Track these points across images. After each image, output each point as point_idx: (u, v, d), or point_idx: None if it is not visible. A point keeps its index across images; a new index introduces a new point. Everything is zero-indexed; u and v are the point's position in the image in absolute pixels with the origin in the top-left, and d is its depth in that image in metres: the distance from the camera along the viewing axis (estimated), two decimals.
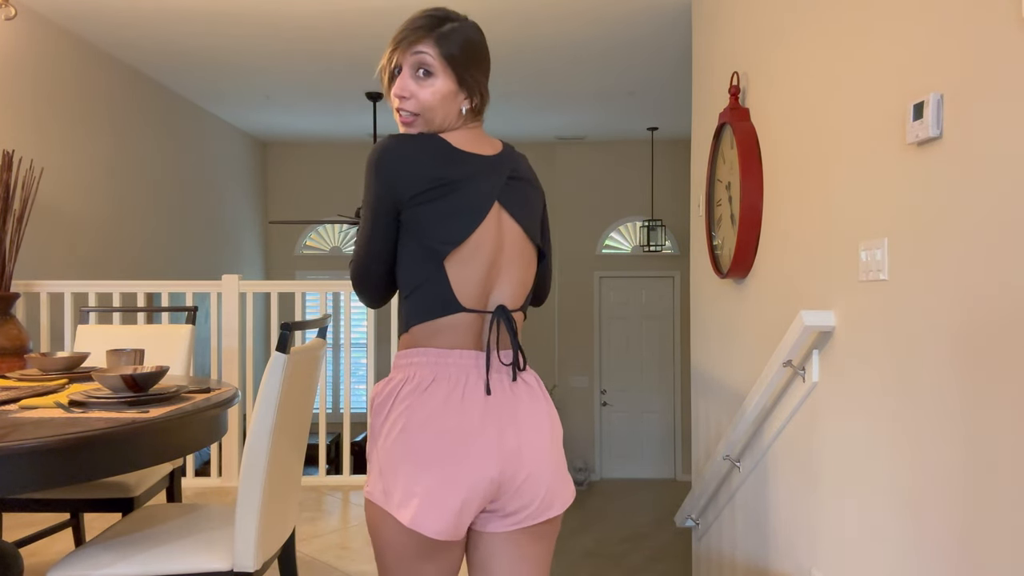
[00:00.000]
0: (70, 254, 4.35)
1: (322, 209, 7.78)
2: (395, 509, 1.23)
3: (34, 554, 2.79)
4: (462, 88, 1.32)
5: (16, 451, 1.39)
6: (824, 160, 2.21)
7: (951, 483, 1.59)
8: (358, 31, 4.41)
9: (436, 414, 1.23)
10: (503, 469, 1.24)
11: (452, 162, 1.28)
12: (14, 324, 3.00)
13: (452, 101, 1.31)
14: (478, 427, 1.23)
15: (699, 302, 3.65)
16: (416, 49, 1.30)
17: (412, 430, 1.23)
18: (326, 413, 6.25)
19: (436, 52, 1.30)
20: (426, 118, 1.32)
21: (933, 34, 1.66)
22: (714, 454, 2.99)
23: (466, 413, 1.24)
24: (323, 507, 3.51)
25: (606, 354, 8.14)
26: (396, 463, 1.24)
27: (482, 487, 1.24)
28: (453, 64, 1.30)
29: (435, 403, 1.24)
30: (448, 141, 1.31)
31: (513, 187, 1.35)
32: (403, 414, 1.24)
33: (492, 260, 1.30)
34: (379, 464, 1.27)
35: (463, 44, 1.31)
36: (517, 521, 1.29)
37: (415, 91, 1.30)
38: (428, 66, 1.30)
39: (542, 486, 1.28)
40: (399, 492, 1.23)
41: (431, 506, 1.21)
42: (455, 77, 1.31)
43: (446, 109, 1.31)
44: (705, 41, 3.59)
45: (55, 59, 4.21)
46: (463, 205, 1.26)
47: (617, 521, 7.04)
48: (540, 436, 1.29)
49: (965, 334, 1.54)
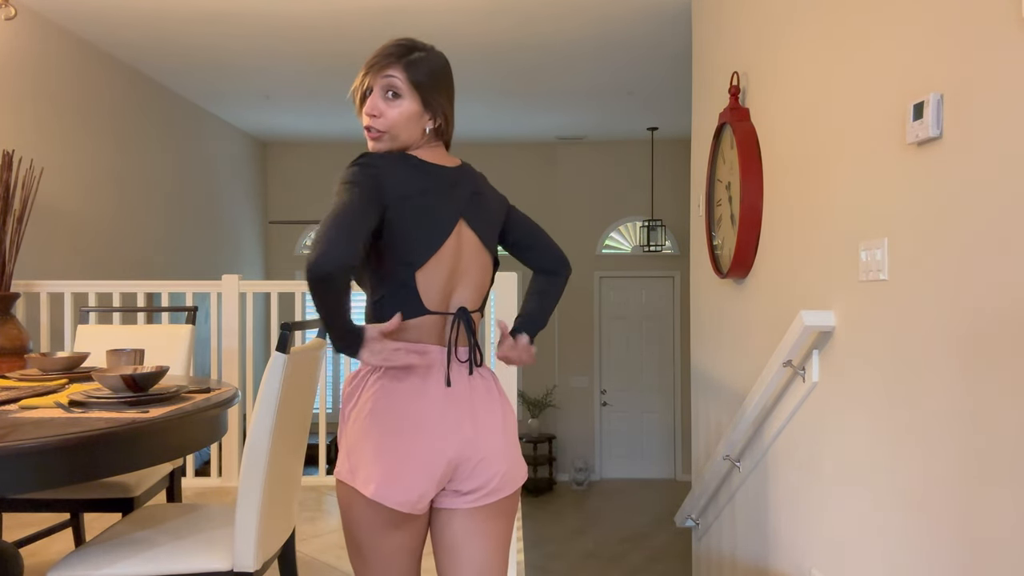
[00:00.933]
0: (70, 254, 4.35)
1: (322, 209, 7.78)
2: (361, 484, 1.36)
3: (34, 554, 2.79)
4: (427, 110, 1.46)
5: (16, 451, 1.39)
6: (824, 160, 2.21)
7: (951, 483, 1.59)
8: (358, 31, 4.41)
9: (401, 400, 1.38)
10: (459, 451, 1.40)
11: (423, 172, 1.44)
12: (14, 324, 3.00)
13: (417, 121, 1.46)
14: (439, 414, 1.39)
15: (699, 302, 3.65)
16: (386, 73, 1.44)
17: (378, 412, 1.38)
18: (326, 413, 6.25)
19: (404, 77, 1.44)
20: (392, 135, 1.45)
21: (933, 34, 1.66)
22: (714, 454, 2.99)
23: (428, 400, 1.39)
24: (323, 507, 3.51)
25: (606, 354, 8.14)
26: (362, 442, 1.38)
27: (440, 466, 1.38)
28: (419, 88, 1.45)
29: (401, 390, 1.39)
30: (415, 155, 1.46)
31: (475, 202, 1.50)
32: (370, 399, 1.39)
33: (452, 267, 1.45)
34: (347, 445, 1.41)
35: (428, 71, 1.46)
36: (475, 499, 1.45)
37: (384, 110, 1.44)
38: (396, 88, 1.44)
39: (495, 468, 1.44)
40: (364, 469, 1.37)
41: (393, 480, 1.35)
42: (420, 100, 1.45)
43: (411, 128, 1.46)
44: (705, 41, 3.59)
45: (55, 59, 4.21)
46: (432, 221, 1.41)
47: (617, 521, 7.04)
48: (494, 425, 1.45)
49: (965, 334, 1.54)
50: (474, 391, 1.44)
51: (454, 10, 4.10)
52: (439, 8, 4.06)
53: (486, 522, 1.47)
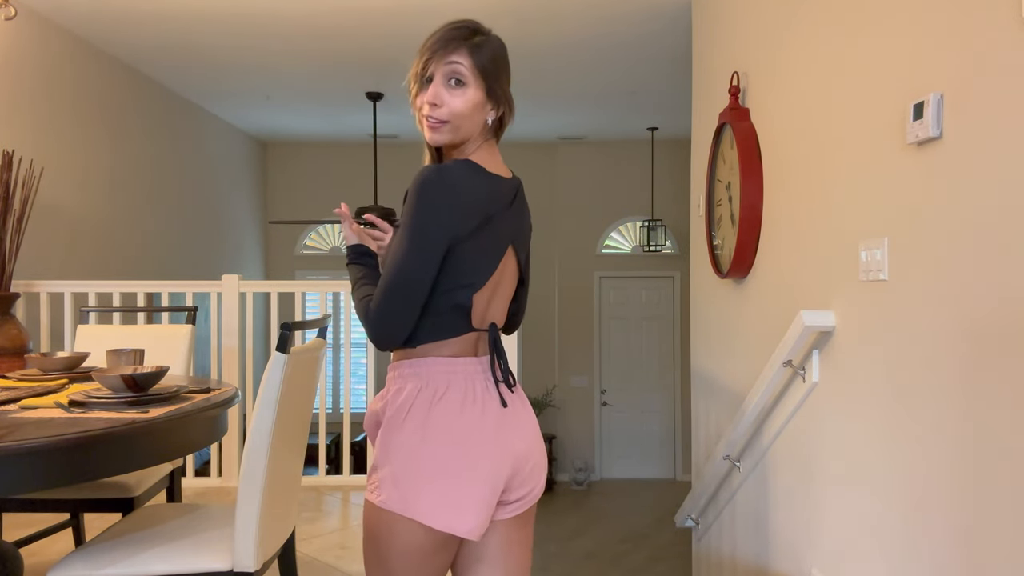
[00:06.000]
0: (70, 254, 4.35)
1: (322, 209, 7.78)
2: (423, 515, 1.28)
3: (34, 554, 2.79)
4: (490, 99, 1.39)
5: (16, 451, 1.39)
6: (824, 160, 2.21)
7: (951, 483, 1.59)
8: (358, 31, 4.41)
9: (456, 423, 1.32)
10: (514, 467, 1.36)
11: (492, 192, 1.37)
12: (14, 324, 3.00)
13: (480, 111, 1.38)
14: (493, 433, 1.34)
15: (699, 302, 3.65)
16: (450, 59, 1.35)
17: (436, 440, 1.30)
18: (326, 413, 6.25)
19: (469, 63, 1.35)
20: (454, 125, 1.36)
21: (933, 34, 1.66)
22: (714, 454, 2.99)
23: (484, 420, 1.33)
24: (323, 507, 3.51)
25: (606, 354, 8.14)
26: (420, 472, 1.30)
27: (501, 485, 1.35)
28: (484, 75, 1.37)
29: (453, 412, 1.32)
30: (482, 167, 1.38)
31: (523, 224, 1.48)
32: (423, 424, 1.31)
33: (495, 286, 1.41)
34: (393, 472, 1.31)
35: (493, 56, 1.39)
36: (517, 507, 1.42)
37: (447, 99, 1.35)
38: (461, 75, 1.35)
39: (539, 475, 1.43)
40: (426, 498, 1.29)
41: (463, 508, 1.29)
42: (485, 88, 1.37)
43: (474, 119, 1.38)
44: (705, 41, 3.59)
45: (55, 59, 4.21)
46: (494, 246, 1.37)
47: (617, 521, 7.04)
48: (536, 434, 1.44)
49: (965, 334, 1.54)
50: (514, 404, 1.40)
51: (455, 11, 4.10)
52: (439, 9, 4.06)
53: (523, 529, 1.45)
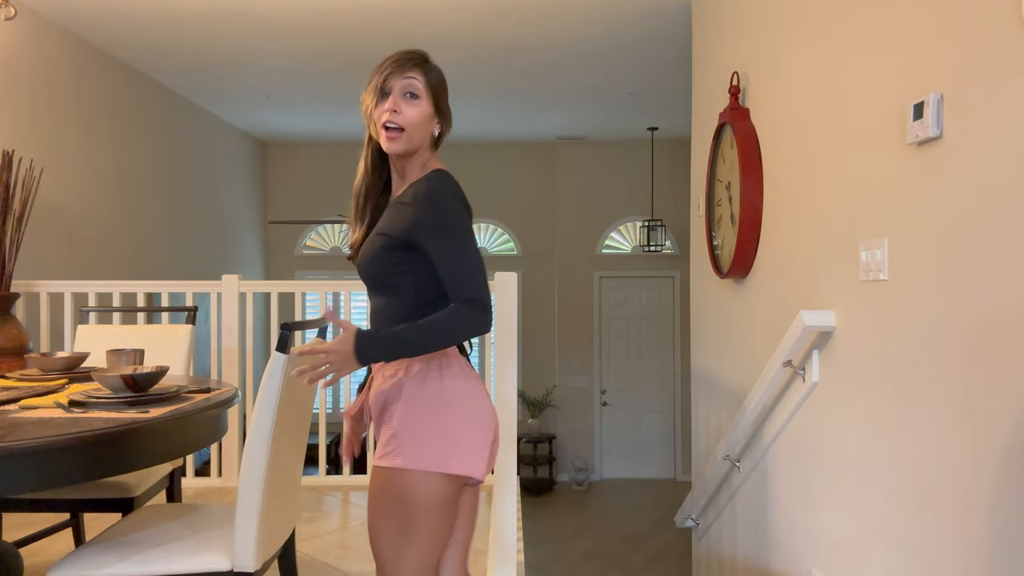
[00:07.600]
0: (70, 254, 4.35)
1: (322, 209, 7.78)
2: (448, 466, 1.49)
3: (34, 554, 2.79)
4: (437, 113, 1.61)
5: (16, 451, 1.39)
6: (824, 160, 2.21)
7: (951, 483, 1.59)
8: (358, 31, 4.41)
9: (465, 387, 1.56)
10: (496, 425, 1.64)
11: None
12: (14, 324, 3.00)
13: (429, 123, 1.60)
14: (486, 396, 1.62)
15: (699, 302, 3.65)
16: (407, 75, 1.56)
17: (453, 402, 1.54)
18: (326, 413, 6.24)
19: (423, 80, 1.58)
20: (409, 133, 1.56)
21: (933, 34, 1.66)
22: (714, 454, 2.99)
23: (480, 386, 1.61)
24: (323, 507, 3.51)
25: (606, 354, 8.13)
26: (441, 429, 1.51)
27: (493, 438, 1.61)
28: (434, 92, 1.59)
29: (461, 378, 1.56)
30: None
31: None
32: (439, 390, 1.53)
33: None
34: (417, 434, 1.51)
35: (439, 78, 1.62)
36: (490, 464, 1.65)
37: (404, 109, 1.55)
38: (416, 90, 1.57)
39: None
40: (448, 451, 1.50)
41: (478, 457, 1.54)
42: (433, 103, 1.59)
43: (425, 129, 1.59)
44: (705, 41, 3.59)
45: (55, 59, 4.21)
46: None
47: (617, 521, 7.04)
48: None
49: (965, 333, 1.54)
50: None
51: (454, 10, 4.10)
52: (440, 8, 4.06)
53: (477, 492, 1.72)
